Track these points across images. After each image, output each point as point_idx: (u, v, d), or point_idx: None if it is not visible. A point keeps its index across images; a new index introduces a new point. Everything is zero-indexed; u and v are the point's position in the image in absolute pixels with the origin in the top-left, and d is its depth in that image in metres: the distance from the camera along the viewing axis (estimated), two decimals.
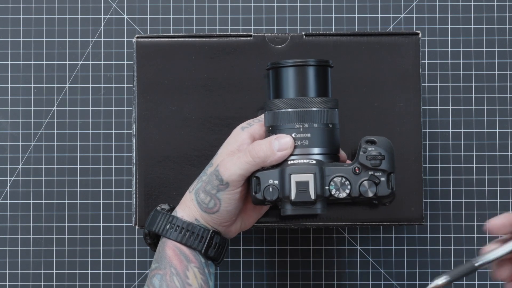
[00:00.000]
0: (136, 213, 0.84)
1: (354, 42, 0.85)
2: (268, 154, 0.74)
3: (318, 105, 0.75)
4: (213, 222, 0.77)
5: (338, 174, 0.74)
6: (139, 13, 0.97)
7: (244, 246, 0.96)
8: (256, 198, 0.74)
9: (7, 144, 0.96)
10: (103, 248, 0.96)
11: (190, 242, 0.76)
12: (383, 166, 0.74)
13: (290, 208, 0.74)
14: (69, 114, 0.96)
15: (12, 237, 0.96)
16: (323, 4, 0.97)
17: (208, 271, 0.77)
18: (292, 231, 0.96)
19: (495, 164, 0.96)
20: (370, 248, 0.96)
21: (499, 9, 0.97)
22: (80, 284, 0.96)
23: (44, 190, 0.96)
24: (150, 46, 0.84)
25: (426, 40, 0.96)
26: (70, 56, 0.97)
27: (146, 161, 0.84)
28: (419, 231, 0.95)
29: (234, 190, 0.75)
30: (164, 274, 0.76)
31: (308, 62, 0.76)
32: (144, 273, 0.95)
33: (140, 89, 0.84)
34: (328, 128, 0.75)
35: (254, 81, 0.84)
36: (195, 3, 0.97)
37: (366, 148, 0.75)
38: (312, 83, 0.76)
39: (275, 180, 0.74)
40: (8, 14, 0.97)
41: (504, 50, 0.96)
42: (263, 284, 0.96)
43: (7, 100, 0.96)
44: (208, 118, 0.84)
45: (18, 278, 0.96)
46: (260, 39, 0.85)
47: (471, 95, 0.96)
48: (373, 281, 0.95)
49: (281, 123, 0.75)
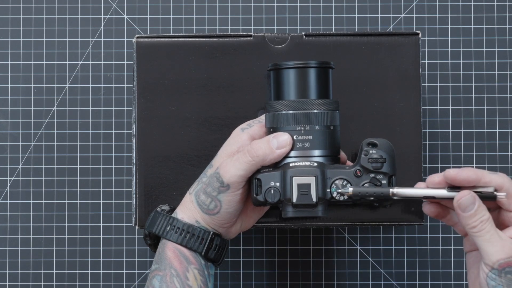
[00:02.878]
0: (136, 213, 0.84)
1: (354, 42, 0.85)
2: (267, 153, 0.74)
3: (319, 107, 0.75)
4: (214, 223, 0.77)
5: (339, 177, 0.74)
6: (139, 13, 0.97)
7: (244, 246, 0.96)
8: (257, 199, 0.74)
9: (7, 144, 0.96)
10: (103, 248, 0.96)
11: (191, 244, 0.76)
12: (384, 169, 0.74)
13: (291, 210, 0.74)
14: (69, 114, 0.96)
15: (12, 237, 0.96)
16: (323, 4, 0.97)
17: (208, 273, 0.77)
18: (292, 231, 0.96)
19: (495, 164, 0.96)
20: (370, 248, 0.96)
21: (499, 9, 0.97)
22: (80, 284, 0.96)
23: (44, 190, 0.96)
24: (150, 46, 0.84)
25: (426, 40, 0.96)
26: (70, 56, 0.97)
27: (146, 161, 0.84)
28: (419, 231, 0.95)
29: (235, 192, 0.75)
30: (164, 275, 0.75)
31: (310, 64, 0.76)
32: (144, 273, 0.95)
33: (140, 89, 0.84)
34: (329, 130, 0.75)
35: (254, 81, 0.84)
36: (195, 3, 0.97)
37: (367, 151, 0.75)
38: (313, 85, 0.76)
39: (277, 182, 0.74)
40: (8, 14, 0.97)
41: (504, 50, 0.96)
42: (263, 284, 0.96)
43: (7, 100, 0.96)
44: (208, 118, 0.84)
45: (18, 278, 0.96)
46: (260, 39, 0.85)
47: (471, 95, 0.96)
48: (373, 281, 0.95)
49: (282, 125, 0.75)
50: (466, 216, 0.71)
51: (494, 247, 0.70)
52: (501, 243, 0.70)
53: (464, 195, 0.71)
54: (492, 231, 0.71)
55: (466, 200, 0.71)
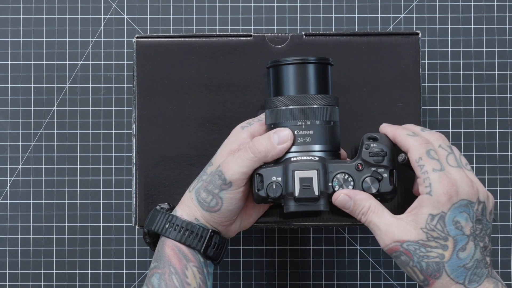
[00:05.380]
0: (136, 213, 0.84)
1: (354, 42, 0.85)
2: (269, 149, 0.74)
3: (319, 102, 0.76)
4: (213, 221, 0.77)
5: (341, 171, 0.74)
6: (139, 13, 0.97)
7: (244, 246, 0.96)
8: (259, 195, 0.74)
9: (7, 144, 0.96)
10: (103, 248, 0.96)
11: (190, 242, 0.76)
12: (386, 162, 0.75)
13: (293, 204, 0.74)
14: (69, 114, 0.96)
15: (12, 237, 0.96)
16: (323, 4, 0.97)
17: (207, 271, 0.77)
18: (292, 231, 0.96)
19: (495, 164, 0.96)
20: (370, 248, 0.96)
21: (499, 9, 0.97)
22: (80, 284, 0.96)
23: (44, 190, 0.96)
24: (150, 46, 0.84)
25: (426, 40, 0.96)
26: (70, 56, 0.97)
27: (146, 161, 0.84)
28: None
29: (237, 189, 0.75)
30: (163, 273, 0.76)
31: (309, 60, 0.76)
32: (144, 273, 0.95)
33: (140, 89, 0.84)
34: (329, 125, 0.76)
35: (254, 81, 0.84)
36: (195, 3, 0.97)
37: (368, 144, 0.75)
38: (312, 80, 0.76)
39: (278, 177, 0.74)
40: (8, 14, 0.97)
41: (504, 50, 0.96)
42: (263, 284, 0.96)
43: (7, 100, 0.96)
44: (208, 118, 0.84)
45: (18, 278, 0.96)
46: (260, 39, 0.85)
47: (471, 95, 0.96)
48: (373, 281, 0.95)
49: (282, 120, 0.75)
50: (350, 213, 0.74)
51: (378, 235, 0.72)
52: (384, 229, 0.72)
53: (337, 196, 0.74)
54: (375, 219, 0.72)
55: (340, 200, 0.74)
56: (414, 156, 0.73)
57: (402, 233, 0.71)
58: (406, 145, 0.73)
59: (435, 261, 0.70)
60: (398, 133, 0.75)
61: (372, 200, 0.73)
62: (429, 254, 0.70)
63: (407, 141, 0.73)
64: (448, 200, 0.70)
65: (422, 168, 0.72)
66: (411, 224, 0.71)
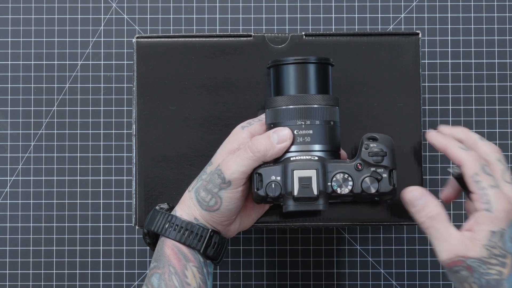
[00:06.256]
0: (136, 213, 0.84)
1: (354, 42, 0.85)
2: (268, 148, 0.74)
3: (319, 102, 0.76)
4: (213, 220, 0.77)
5: (340, 170, 0.74)
6: (139, 13, 0.97)
7: (244, 246, 0.96)
8: (258, 194, 0.74)
9: (7, 144, 0.96)
10: (103, 248, 0.96)
11: (189, 241, 0.76)
12: (385, 162, 0.74)
13: (292, 204, 0.74)
14: (69, 114, 0.96)
15: (12, 237, 0.96)
16: (323, 4, 0.97)
17: (207, 271, 0.77)
18: (292, 231, 0.96)
19: None
20: (370, 248, 0.96)
21: (499, 9, 0.97)
22: (80, 284, 0.96)
23: (44, 190, 0.96)
24: (150, 46, 0.84)
25: (426, 40, 0.96)
26: (70, 56, 0.97)
27: (146, 161, 0.84)
28: (419, 231, 0.95)
29: (236, 188, 0.75)
30: (162, 273, 0.76)
31: (309, 60, 0.76)
32: (144, 273, 0.95)
33: (140, 89, 0.84)
34: (329, 125, 0.76)
35: (254, 81, 0.84)
36: (195, 3, 0.97)
37: (368, 144, 0.75)
38: (313, 80, 0.76)
39: (277, 176, 0.74)
40: (8, 14, 0.97)
41: (504, 50, 0.96)
42: (263, 284, 0.96)
43: (7, 100, 0.96)
44: (208, 118, 0.84)
45: (18, 278, 0.96)
46: (260, 39, 0.85)
47: (471, 95, 0.96)
48: (373, 281, 0.95)
49: (282, 120, 0.76)
50: (413, 211, 0.72)
51: (441, 246, 0.70)
52: (449, 242, 0.70)
53: (411, 190, 0.72)
54: (441, 229, 0.70)
55: (412, 195, 0.72)
56: (469, 172, 0.71)
57: (466, 249, 0.69)
58: (459, 159, 0.72)
59: (494, 279, 0.69)
60: (449, 146, 0.73)
61: (442, 208, 0.72)
62: (490, 271, 0.69)
63: (460, 156, 0.72)
64: (506, 217, 0.70)
65: (479, 184, 0.71)
66: (472, 240, 0.70)
